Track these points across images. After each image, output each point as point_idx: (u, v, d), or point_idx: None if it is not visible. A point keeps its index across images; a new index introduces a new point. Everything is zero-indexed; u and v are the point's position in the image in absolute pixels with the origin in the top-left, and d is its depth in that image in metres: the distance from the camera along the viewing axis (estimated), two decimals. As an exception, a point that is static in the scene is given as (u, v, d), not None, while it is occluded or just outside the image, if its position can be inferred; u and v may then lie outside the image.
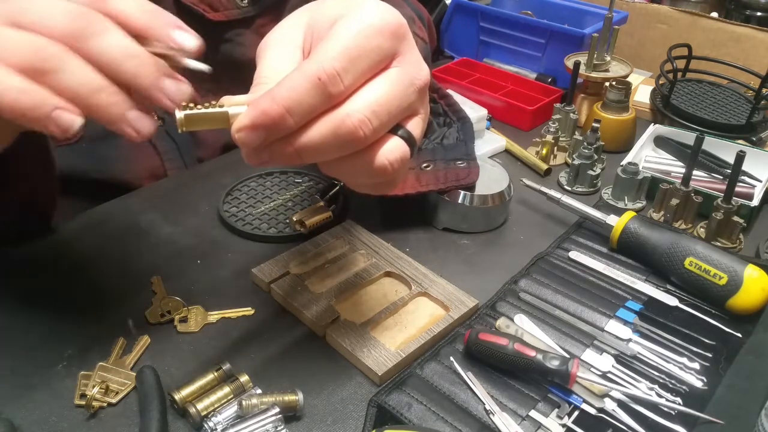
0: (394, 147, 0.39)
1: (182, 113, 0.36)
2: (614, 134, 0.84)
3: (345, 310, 0.56)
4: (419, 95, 0.40)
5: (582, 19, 1.07)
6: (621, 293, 0.59)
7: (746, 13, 1.42)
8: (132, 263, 0.62)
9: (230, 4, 0.76)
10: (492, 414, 0.47)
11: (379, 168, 0.38)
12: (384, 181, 0.40)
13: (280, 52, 0.40)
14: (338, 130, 0.36)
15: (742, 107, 0.88)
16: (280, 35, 0.41)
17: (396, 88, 0.38)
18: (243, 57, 0.79)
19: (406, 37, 0.39)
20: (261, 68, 0.39)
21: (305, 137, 0.36)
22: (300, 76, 0.35)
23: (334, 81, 0.35)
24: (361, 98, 0.37)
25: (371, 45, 0.37)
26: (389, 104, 0.38)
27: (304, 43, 0.41)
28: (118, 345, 0.52)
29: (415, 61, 0.40)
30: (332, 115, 0.36)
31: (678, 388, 0.50)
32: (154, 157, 0.76)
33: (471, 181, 0.67)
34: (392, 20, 0.38)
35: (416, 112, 0.41)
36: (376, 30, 0.37)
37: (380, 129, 0.38)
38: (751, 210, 0.69)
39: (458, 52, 1.15)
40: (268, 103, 0.35)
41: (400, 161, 0.39)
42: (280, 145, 0.36)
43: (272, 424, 0.45)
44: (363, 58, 0.37)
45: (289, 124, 0.35)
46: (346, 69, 0.36)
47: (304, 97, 0.35)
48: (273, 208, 0.70)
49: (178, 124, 0.36)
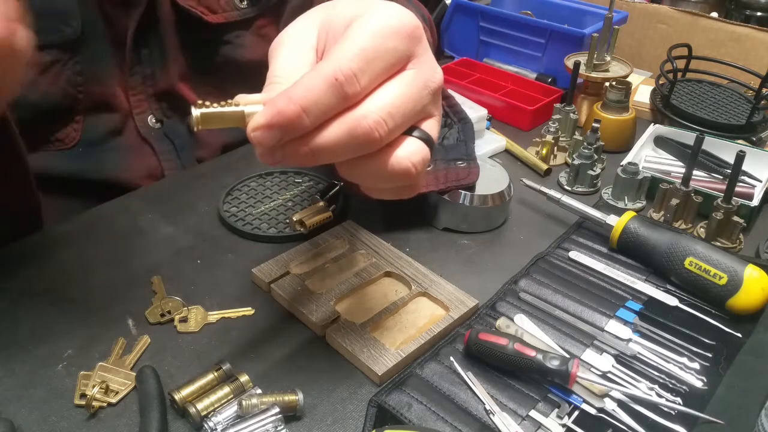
0: (415, 149, 0.39)
1: (198, 111, 0.36)
2: (614, 134, 0.84)
3: (345, 310, 0.56)
4: (433, 98, 0.40)
5: (582, 19, 1.07)
6: (621, 293, 0.59)
7: (746, 13, 1.42)
8: (132, 263, 0.62)
9: (229, 5, 0.76)
10: (492, 414, 0.47)
11: (402, 170, 0.38)
12: (406, 184, 0.40)
13: (293, 50, 0.40)
14: (354, 131, 0.36)
15: (742, 107, 0.88)
16: (293, 34, 0.41)
17: (411, 90, 0.38)
18: (243, 58, 0.79)
19: (421, 40, 0.39)
20: (274, 67, 0.39)
21: (321, 137, 0.36)
22: (317, 76, 0.35)
23: (351, 82, 0.35)
24: (377, 100, 0.37)
25: (387, 46, 0.37)
26: (404, 106, 0.38)
27: (318, 42, 0.40)
28: (118, 345, 0.52)
29: (430, 63, 0.40)
30: (348, 116, 0.36)
31: (678, 388, 0.50)
32: (152, 157, 0.76)
33: (471, 181, 0.67)
34: (408, 22, 0.38)
35: (431, 115, 0.41)
36: (393, 31, 0.37)
37: (395, 130, 0.38)
38: (751, 210, 0.69)
39: (458, 52, 1.15)
40: (284, 102, 0.35)
41: (422, 162, 0.39)
42: (295, 144, 0.36)
43: (272, 424, 0.45)
44: (379, 59, 0.37)
45: (305, 124, 0.35)
46: (362, 70, 0.36)
47: (321, 97, 0.35)
48: (273, 208, 0.70)
49: (194, 122, 0.36)
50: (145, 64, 0.74)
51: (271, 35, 0.81)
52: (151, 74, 0.75)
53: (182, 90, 0.77)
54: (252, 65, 0.79)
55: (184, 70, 0.77)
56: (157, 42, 0.74)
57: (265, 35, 0.80)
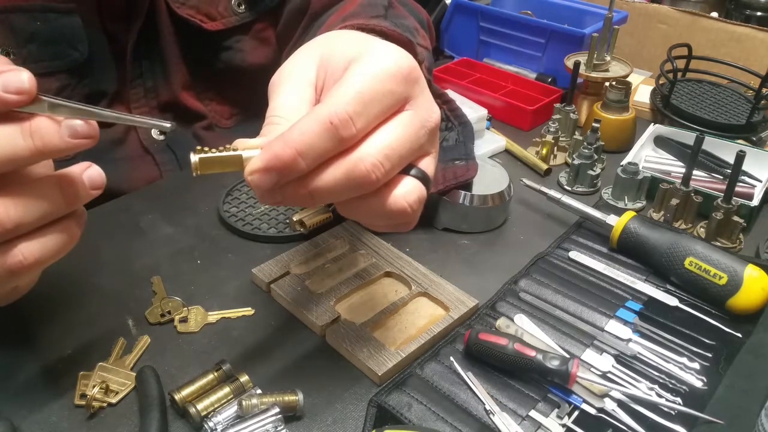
0: (411, 188, 0.39)
1: (197, 157, 0.36)
2: (614, 134, 0.84)
3: (345, 310, 0.56)
4: (430, 137, 0.40)
5: (582, 19, 1.07)
6: (621, 293, 0.59)
7: (746, 13, 1.42)
8: (132, 263, 0.62)
9: (227, 11, 0.76)
10: (492, 414, 0.47)
11: (399, 210, 0.39)
12: (402, 222, 0.40)
13: (291, 89, 0.40)
14: (351, 174, 0.36)
15: (742, 107, 0.88)
16: (292, 71, 0.41)
17: (408, 131, 0.38)
18: (244, 63, 0.79)
19: (419, 81, 0.40)
20: (273, 106, 0.40)
21: (318, 180, 0.36)
22: (312, 120, 0.35)
23: (346, 125, 0.36)
24: (374, 142, 0.37)
25: (384, 89, 0.37)
26: (401, 148, 0.38)
27: (317, 80, 0.41)
28: (118, 345, 0.52)
29: (427, 103, 0.40)
30: (345, 159, 0.36)
31: (678, 388, 0.50)
32: (153, 167, 0.76)
33: (470, 177, 0.67)
34: (405, 65, 0.38)
35: (427, 153, 0.41)
36: (390, 75, 0.37)
37: (392, 171, 0.38)
38: (751, 210, 0.69)
39: (458, 52, 1.15)
40: (280, 146, 0.35)
41: (418, 202, 0.39)
42: (294, 187, 0.37)
43: (272, 424, 0.45)
44: (376, 102, 0.37)
45: (301, 167, 0.35)
46: (358, 113, 0.36)
47: (316, 140, 0.35)
48: (273, 208, 0.70)
49: (193, 168, 0.37)
50: (146, 76, 0.74)
51: (270, 38, 0.81)
52: (153, 86, 0.75)
53: (185, 99, 0.77)
54: (253, 69, 0.79)
55: (186, 79, 0.77)
56: (158, 53, 0.74)
57: (264, 39, 0.80)
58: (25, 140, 0.35)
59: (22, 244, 0.37)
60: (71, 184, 0.39)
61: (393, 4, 0.66)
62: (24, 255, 0.37)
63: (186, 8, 0.73)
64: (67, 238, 0.40)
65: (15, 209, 0.36)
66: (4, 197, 0.36)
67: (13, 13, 0.63)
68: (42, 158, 0.36)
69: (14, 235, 0.37)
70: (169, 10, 0.72)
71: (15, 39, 0.63)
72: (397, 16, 0.62)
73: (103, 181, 0.40)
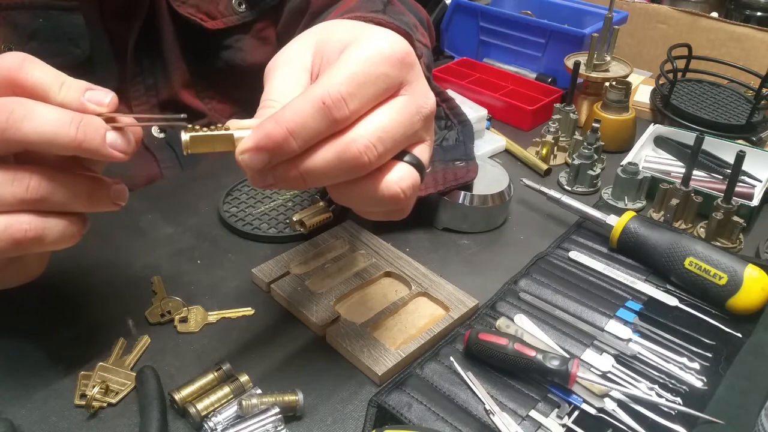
0: (405, 174, 0.39)
1: (188, 135, 0.36)
2: (614, 134, 0.84)
3: (345, 310, 0.56)
4: (425, 123, 0.40)
5: (582, 19, 1.07)
6: (621, 293, 0.59)
7: (746, 13, 1.43)
8: (132, 263, 0.62)
9: (228, 11, 0.76)
10: (492, 414, 0.47)
11: (392, 196, 0.38)
12: (396, 208, 0.40)
13: (287, 74, 0.40)
14: (343, 155, 0.36)
15: (742, 107, 0.88)
16: (288, 57, 0.41)
17: (402, 115, 0.38)
18: (244, 62, 0.79)
19: (414, 66, 0.40)
20: (268, 90, 0.39)
21: (310, 161, 0.36)
22: (304, 100, 0.35)
23: (339, 105, 0.35)
24: (367, 124, 0.37)
25: (378, 72, 0.37)
26: (395, 131, 0.38)
27: (312, 66, 0.41)
28: (118, 345, 0.52)
29: (422, 89, 0.40)
30: (337, 140, 0.36)
31: (678, 388, 0.50)
32: (153, 165, 0.76)
33: (470, 179, 0.67)
34: (400, 49, 0.38)
35: (422, 140, 0.41)
36: (385, 58, 0.37)
37: (385, 155, 0.38)
38: (751, 210, 0.69)
39: (458, 52, 1.15)
40: (272, 125, 0.35)
41: (412, 188, 0.39)
42: (285, 168, 0.36)
43: (272, 424, 0.45)
44: (369, 84, 0.37)
45: (293, 147, 0.35)
46: (351, 94, 0.36)
47: (308, 120, 0.35)
48: (273, 208, 0.70)
49: (183, 146, 0.37)
50: (146, 74, 0.74)
51: (270, 37, 0.81)
52: (153, 84, 0.75)
53: (185, 98, 0.77)
54: (253, 68, 0.79)
55: (186, 78, 0.77)
56: (158, 51, 0.74)
57: (264, 38, 0.80)
58: (70, 127, 0.37)
59: (32, 216, 0.39)
60: (100, 188, 0.41)
61: (392, 1, 0.66)
62: (29, 227, 0.39)
63: (186, 7, 0.73)
64: (70, 232, 0.41)
65: (45, 186, 0.39)
66: (41, 172, 0.39)
67: (16, 10, 0.63)
68: (76, 151, 0.38)
69: (31, 207, 0.39)
70: (170, 8, 0.72)
71: (18, 36, 0.63)
72: (396, 12, 0.62)
73: (126, 199, 0.43)
